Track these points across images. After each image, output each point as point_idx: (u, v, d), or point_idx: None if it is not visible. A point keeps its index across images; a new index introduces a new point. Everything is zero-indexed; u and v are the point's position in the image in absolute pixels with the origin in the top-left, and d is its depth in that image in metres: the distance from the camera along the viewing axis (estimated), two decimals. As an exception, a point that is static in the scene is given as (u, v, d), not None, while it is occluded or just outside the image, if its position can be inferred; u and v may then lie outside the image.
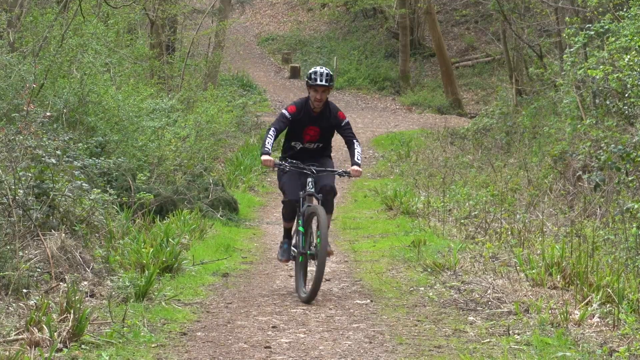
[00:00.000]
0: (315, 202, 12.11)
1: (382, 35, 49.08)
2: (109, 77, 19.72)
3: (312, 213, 11.90)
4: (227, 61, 41.28)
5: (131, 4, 25.06)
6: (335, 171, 12.31)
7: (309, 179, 12.09)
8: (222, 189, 19.90)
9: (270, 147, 11.93)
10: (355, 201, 23.33)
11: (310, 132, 12.31)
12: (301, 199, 12.10)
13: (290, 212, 12.35)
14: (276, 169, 12.25)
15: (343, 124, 12.34)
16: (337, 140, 13.06)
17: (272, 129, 12.11)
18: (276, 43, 52.29)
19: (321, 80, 11.94)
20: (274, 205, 22.05)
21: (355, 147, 12.34)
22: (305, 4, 55.13)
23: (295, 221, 12.35)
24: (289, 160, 12.24)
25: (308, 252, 11.94)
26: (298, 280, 12.08)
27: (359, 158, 12.30)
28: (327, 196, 12.15)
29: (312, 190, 12.03)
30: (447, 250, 14.59)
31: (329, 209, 12.17)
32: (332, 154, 12.89)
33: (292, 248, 12.37)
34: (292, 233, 12.46)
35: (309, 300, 11.60)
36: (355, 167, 12.20)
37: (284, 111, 12.28)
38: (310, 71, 12.20)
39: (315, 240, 11.83)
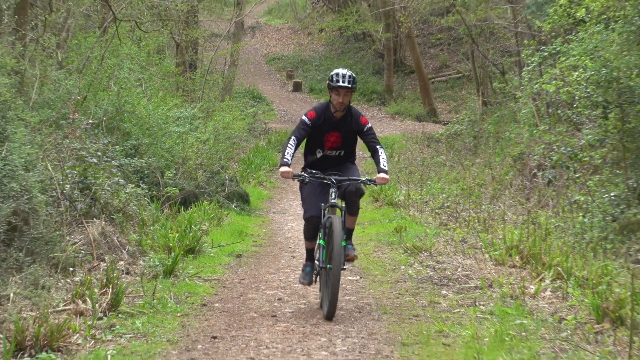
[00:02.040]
0: (338, 212, 9.87)
1: (370, 55, 49.02)
2: (141, 90, 19.73)
3: (332, 224, 9.59)
4: (240, 77, 41.23)
5: (160, 29, 25.10)
6: (360, 179, 9.92)
7: (332, 190, 9.84)
8: (236, 184, 19.92)
9: (290, 158, 9.76)
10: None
11: (332, 139, 10.06)
12: (323, 210, 9.88)
13: (311, 229, 10.04)
14: (296, 180, 9.91)
15: (366, 129, 10.10)
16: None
17: (293, 137, 9.90)
18: (281, 62, 52.22)
19: (344, 82, 9.74)
20: (279, 198, 22.07)
21: (380, 153, 10.13)
22: (306, 29, 55.10)
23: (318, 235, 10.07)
24: (309, 170, 10.06)
25: (328, 266, 9.54)
26: (323, 295, 9.87)
27: (385, 165, 10.02)
28: (353, 198, 9.94)
29: (335, 200, 9.82)
30: (424, 235, 14.61)
31: (354, 210, 10.06)
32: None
33: (316, 262, 10.05)
34: (314, 253, 10.19)
35: (329, 317, 9.41)
36: (382, 175, 9.91)
37: (303, 117, 9.99)
38: (332, 73, 9.92)
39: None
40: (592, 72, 13.91)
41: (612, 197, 13.59)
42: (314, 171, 9.98)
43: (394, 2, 37.17)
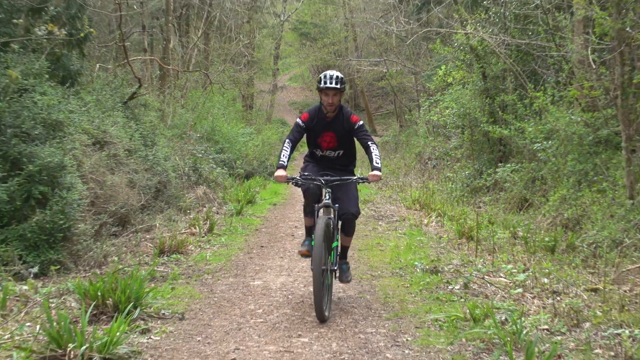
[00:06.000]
0: (332, 214, 5.51)
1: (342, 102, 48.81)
2: (225, 120, 19.63)
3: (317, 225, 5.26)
4: (275, 113, 41.11)
5: (234, 88, 24.97)
6: (350, 179, 5.52)
7: (325, 190, 5.53)
8: (273, 167, 19.85)
9: (285, 161, 5.41)
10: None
11: (327, 139, 5.69)
12: (317, 211, 5.54)
13: (310, 202, 5.63)
14: (290, 182, 5.53)
15: (357, 126, 5.60)
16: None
17: (287, 140, 5.53)
18: (297, 105, 51.71)
19: (331, 83, 5.48)
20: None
21: (373, 150, 5.52)
22: (310, 87, 54.82)
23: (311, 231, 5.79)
24: (302, 173, 5.64)
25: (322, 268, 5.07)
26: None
27: (378, 162, 5.40)
28: (350, 223, 5.64)
29: (329, 201, 5.46)
30: (370, 194, 14.57)
31: (349, 231, 5.71)
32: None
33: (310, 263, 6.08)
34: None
35: (318, 318, 5.10)
36: (374, 173, 5.35)
37: (297, 120, 5.64)
38: (320, 75, 5.65)
39: (327, 257, 5.33)
40: (455, 110, 13.88)
41: (466, 174, 13.59)
42: (306, 173, 5.62)
43: (354, 73, 37.00)
